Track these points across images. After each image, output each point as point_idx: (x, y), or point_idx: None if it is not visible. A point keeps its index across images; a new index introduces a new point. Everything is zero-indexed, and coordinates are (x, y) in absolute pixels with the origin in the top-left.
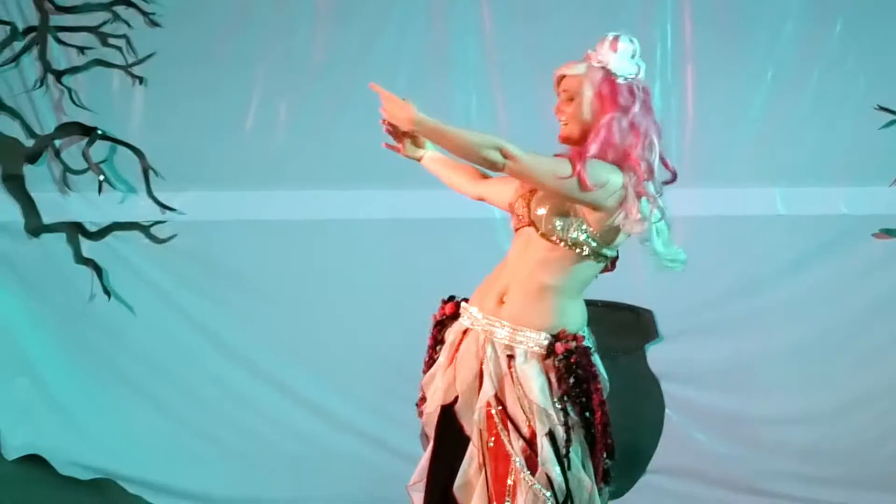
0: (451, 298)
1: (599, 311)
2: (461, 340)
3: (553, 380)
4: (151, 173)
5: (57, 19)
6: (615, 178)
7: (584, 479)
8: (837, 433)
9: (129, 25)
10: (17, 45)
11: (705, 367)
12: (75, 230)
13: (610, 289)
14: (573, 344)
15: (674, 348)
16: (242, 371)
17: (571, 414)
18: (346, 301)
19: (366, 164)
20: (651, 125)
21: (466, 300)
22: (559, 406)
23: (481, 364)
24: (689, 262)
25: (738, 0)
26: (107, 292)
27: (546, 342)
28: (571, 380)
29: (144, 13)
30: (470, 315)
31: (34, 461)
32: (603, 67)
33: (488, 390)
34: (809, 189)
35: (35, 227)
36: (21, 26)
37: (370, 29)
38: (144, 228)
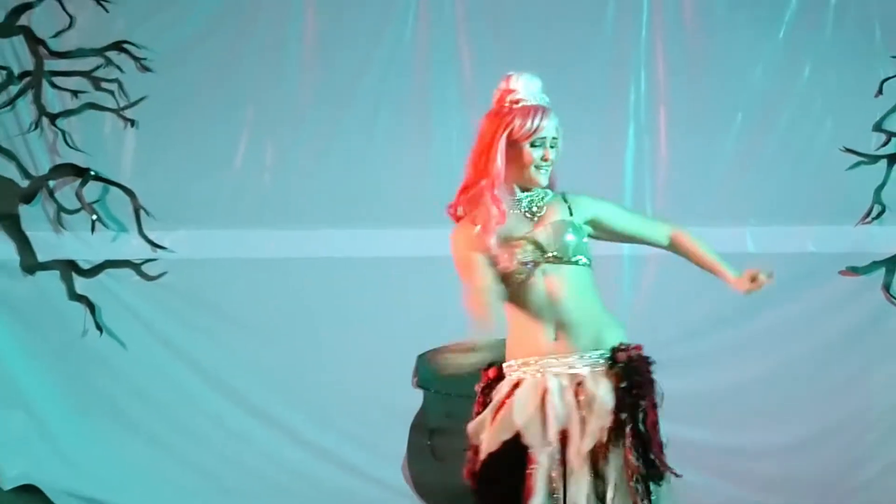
0: (491, 365)
1: None
2: (509, 394)
3: (615, 387)
4: (143, 213)
5: (51, 64)
6: None
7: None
8: (805, 464)
9: (121, 70)
10: (13, 89)
11: (675, 400)
12: (69, 268)
13: None
14: (634, 353)
15: None
16: (232, 404)
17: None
18: (333, 337)
19: (351, 203)
20: None
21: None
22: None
23: (542, 396)
24: (662, 298)
25: (710, 45)
26: (99, 328)
27: (608, 356)
28: (626, 384)
29: (136, 58)
30: (521, 365)
31: (30, 491)
32: None
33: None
34: (778, 228)
35: (30, 264)
36: (17, 71)
37: (353, 72)
38: (136, 266)
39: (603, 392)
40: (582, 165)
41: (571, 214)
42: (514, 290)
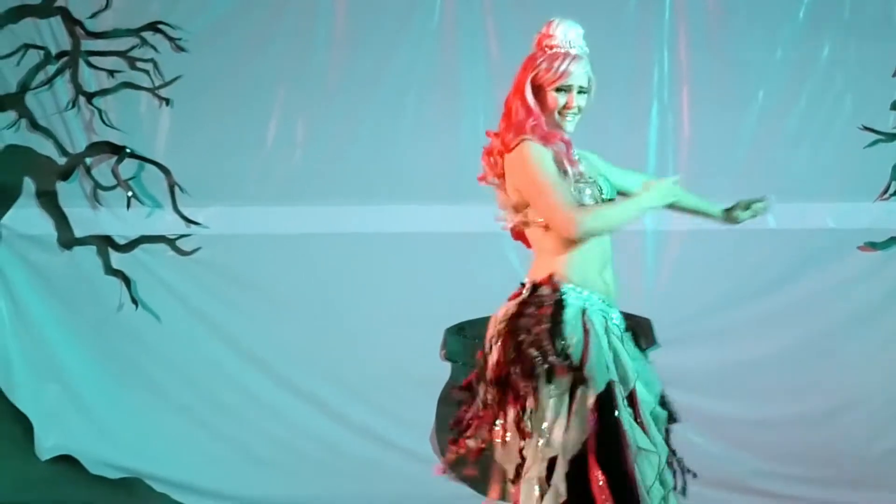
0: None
1: None
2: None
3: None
4: (177, 189)
5: (88, 44)
6: None
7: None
8: (827, 435)
9: (156, 50)
10: (51, 69)
11: (701, 373)
12: (105, 243)
13: None
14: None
15: (671, 354)
16: (263, 376)
17: None
18: (362, 311)
19: (379, 180)
20: None
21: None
22: None
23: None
24: (686, 273)
25: (732, 26)
26: (134, 302)
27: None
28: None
29: (171, 38)
30: (590, 294)
31: (66, 461)
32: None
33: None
34: (799, 205)
35: (67, 240)
36: (54, 51)
37: (382, 53)
38: (170, 241)
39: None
40: (606, 144)
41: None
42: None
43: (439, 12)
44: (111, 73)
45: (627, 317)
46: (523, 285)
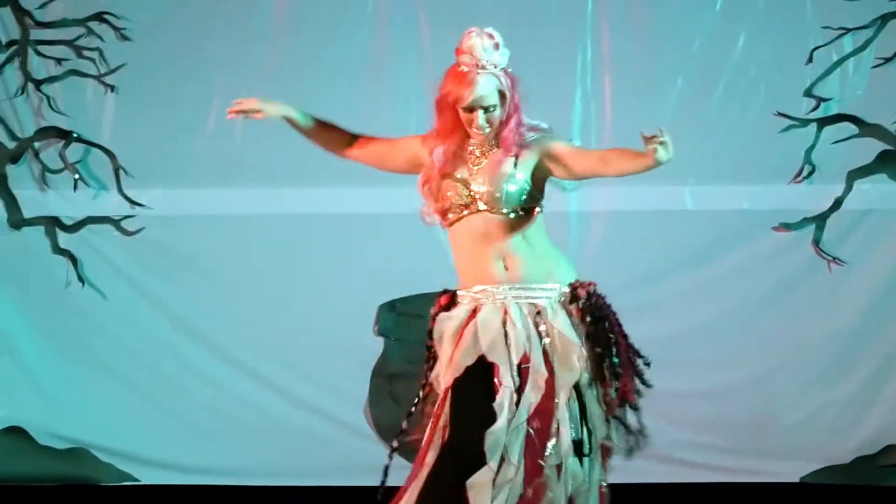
0: (445, 291)
1: None
2: (466, 323)
3: (577, 322)
4: (122, 172)
5: (37, 33)
6: None
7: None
8: (739, 407)
9: (101, 39)
10: (1, 57)
11: None
12: (53, 224)
13: None
14: (592, 288)
15: None
16: (205, 351)
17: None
18: (299, 289)
19: (315, 163)
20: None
21: (455, 292)
22: (585, 345)
23: (504, 322)
24: (608, 252)
25: (652, 16)
26: (81, 280)
27: (567, 289)
28: (590, 318)
29: (116, 28)
30: (478, 292)
31: (15, 432)
32: (502, 70)
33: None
34: (715, 187)
35: (16, 220)
36: (4, 40)
37: (318, 40)
38: (115, 222)
39: (563, 325)
40: None
41: (516, 167)
42: (455, 228)
43: (373, 2)
44: (59, 61)
45: None
46: None
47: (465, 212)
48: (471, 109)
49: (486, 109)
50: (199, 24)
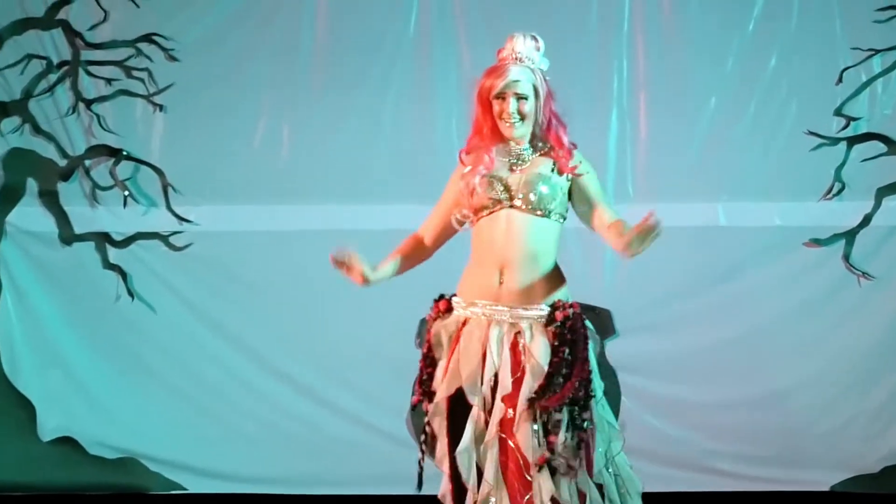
0: (442, 297)
1: None
2: (460, 331)
3: (552, 343)
4: (170, 189)
5: (87, 54)
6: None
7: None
8: (771, 417)
9: (150, 60)
10: (53, 77)
11: (657, 360)
12: (103, 239)
13: (573, 292)
14: (570, 311)
15: (629, 343)
16: (251, 362)
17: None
18: (343, 301)
19: (359, 179)
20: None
21: (454, 296)
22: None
23: (484, 347)
24: (643, 267)
25: (686, 37)
26: (130, 294)
27: (546, 312)
28: (558, 342)
29: (164, 49)
30: (468, 304)
31: (66, 442)
32: (540, 70)
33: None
34: (747, 203)
35: (68, 236)
36: (56, 61)
37: (363, 59)
38: (164, 238)
39: (537, 348)
40: None
41: (553, 171)
42: (480, 224)
43: (415, 23)
44: (109, 81)
45: (589, 308)
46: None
47: (498, 206)
48: (503, 97)
49: (517, 97)
50: (245, 45)
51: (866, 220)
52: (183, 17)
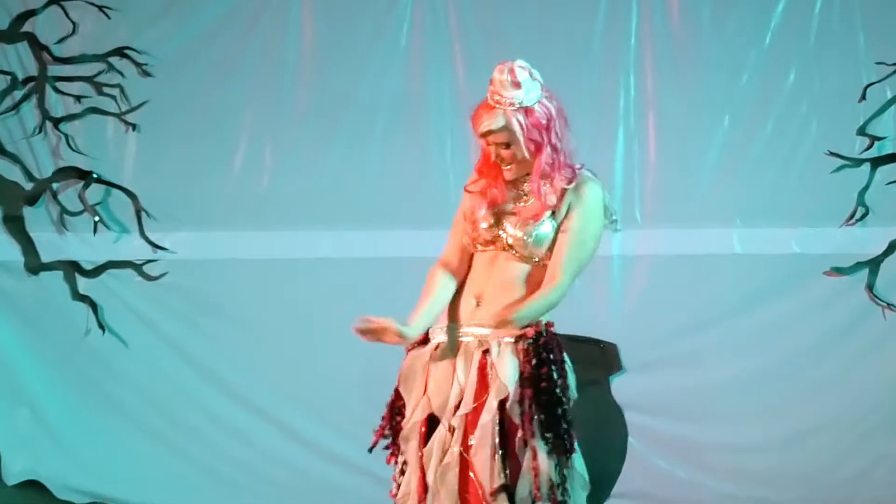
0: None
1: (567, 345)
2: (428, 367)
3: (521, 361)
4: (144, 214)
5: (55, 69)
6: None
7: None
8: (791, 459)
9: (122, 75)
10: (18, 94)
11: (666, 398)
12: (72, 268)
13: (576, 324)
14: (542, 328)
15: (636, 380)
16: (229, 400)
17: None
18: (328, 336)
19: (347, 204)
20: (564, 129)
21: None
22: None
23: (454, 368)
24: (652, 298)
25: (697, 51)
26: (101, 327)
27: (517, 331)
28: (535, 361)
29: (137, 64)
30: (442, 329)
31: (33, 486)
32: (519, 107)
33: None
34: (764, 230)
35: (34, 265)
36: (21, 76)
37: (350, 77)
38: (137, 267)
39: (504, 367)
40: None
41: (551, 216)
42: (475, 255)
43: (406, 36)
44: (78, 98)
45: (594, 342)
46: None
47: (491, 247)
48: (487, 143)
49: (496, 145)
50: (226, 60)
51: (892, 248)
52: (157, 29)
